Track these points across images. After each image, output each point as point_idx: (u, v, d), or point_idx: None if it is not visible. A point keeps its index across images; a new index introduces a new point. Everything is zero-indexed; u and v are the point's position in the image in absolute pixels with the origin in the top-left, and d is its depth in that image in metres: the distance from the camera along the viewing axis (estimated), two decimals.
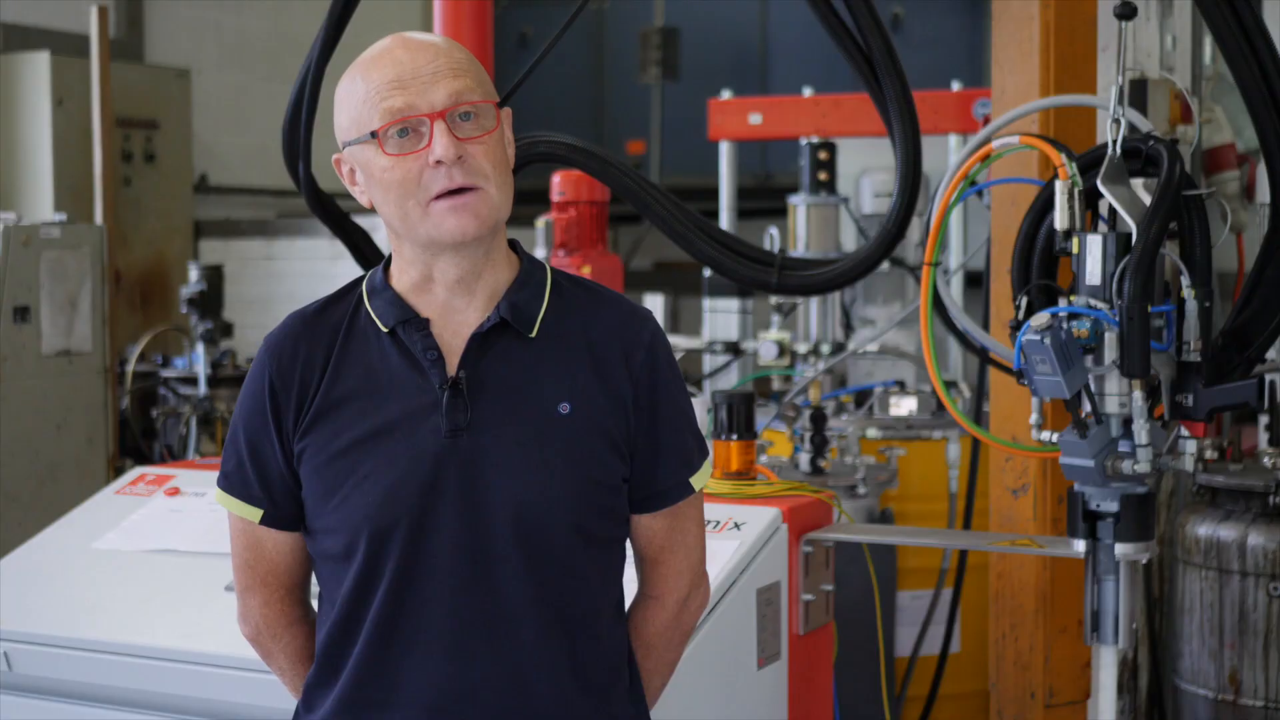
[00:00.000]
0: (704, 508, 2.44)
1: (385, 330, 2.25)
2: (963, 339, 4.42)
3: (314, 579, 2.37)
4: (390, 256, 2.32)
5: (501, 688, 2.21)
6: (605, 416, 2.25)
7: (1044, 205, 3.37)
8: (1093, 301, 3.22)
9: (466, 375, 2.22)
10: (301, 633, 2.37)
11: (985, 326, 4.04)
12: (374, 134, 2.19)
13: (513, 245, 2.34)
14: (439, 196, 2.18)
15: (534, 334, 2.25)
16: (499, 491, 2.19)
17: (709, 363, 6.19)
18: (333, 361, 2.25)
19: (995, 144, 3.44)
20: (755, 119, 6.47)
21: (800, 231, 5.74)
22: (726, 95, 6.64)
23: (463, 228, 2.18)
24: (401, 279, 2.28)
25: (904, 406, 5.41)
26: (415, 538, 2.19)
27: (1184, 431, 3.34)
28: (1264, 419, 4.22)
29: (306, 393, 2.25)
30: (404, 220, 2.21)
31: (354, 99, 2.23)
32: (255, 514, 2.29)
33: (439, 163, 2.16)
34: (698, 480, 2.36)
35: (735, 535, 3.21)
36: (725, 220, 6.53)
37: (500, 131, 2.25)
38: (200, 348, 6.85)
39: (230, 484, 2.30)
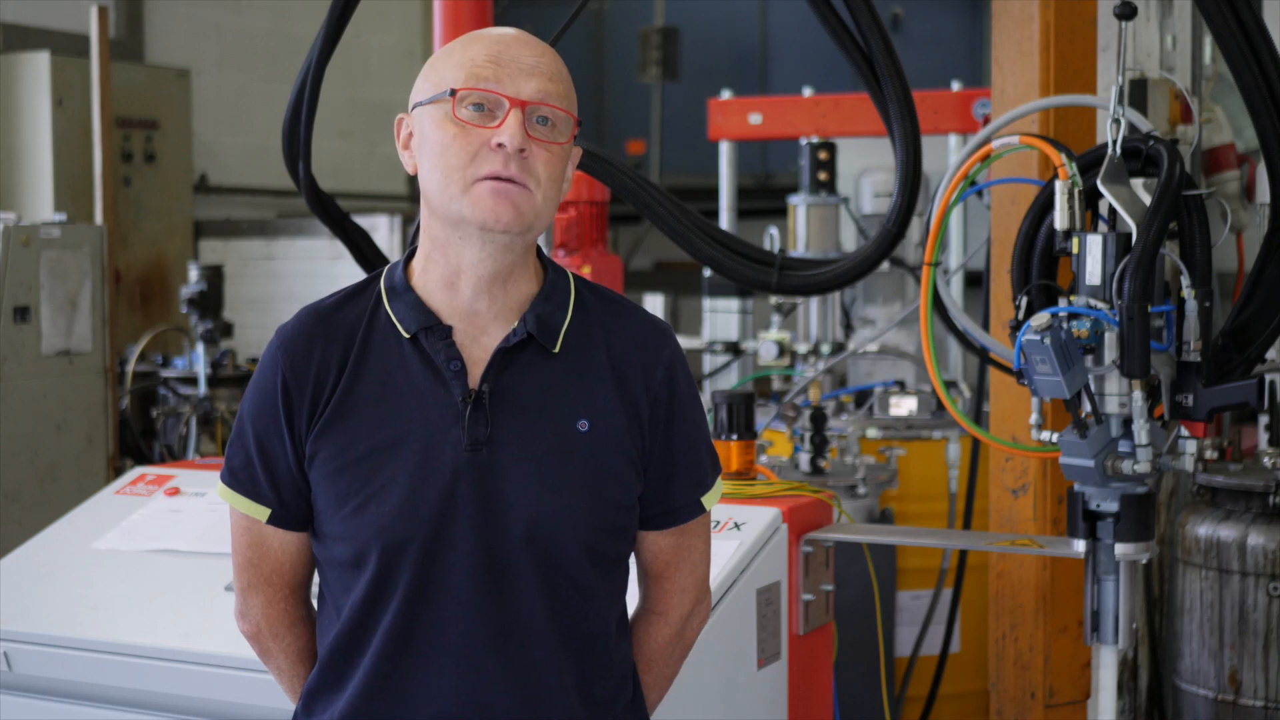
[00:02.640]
0: (711, 521, 2.42)
1: (406, 336, 2.20)
2: (963, 339, 4.42)
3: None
4: (412, 251, 2.28)
5: (513, 704, 2.18)
6: (623, 433, 2.22)
7: (1044, 205, 3.37)
8: (1093, 301, 3.22)
9: (489, 389, 2.18)
10: (303, 633, 2.33)
11: (985, 326, 4.04)
12: (453, 91, 2.14)
13: (536, 252, 2.29)
14: (485, 178, 2.14)
15: (557, 349, 2.22)
16: (515, 506, 2.16)
17: (709, 363, 6.20)
18: (351, 363, 2.20)
19: (995, 144, 3.44)
20: (755, 119, 6.47)
21: (800, 231, 5.74)
22: (726, 95, 6.64)
23: (498, 213, 2.14)
24: (427, 273, 2.23)
25: (904, 406, 5.41)
26: (431, 551, 2.16)
27: (1184, 431, 3.34)
28: (1264, 419, 4.21)
29: (321, 393, 2.19)
30: (442, 192, 2.16)
31: (447, 61, 2.19)
32: (263, 513, 2.23)
33: (500, 146, 2.13)
34: (709, 499, 2.34)
35: (735, 535, 3.21)
36: (725, 220, 6.53)
37: (567, 149, 2.21)
38: (200, 348, 6.85)
39: (237, 481, 2.24)
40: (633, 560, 2.37)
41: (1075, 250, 3.25)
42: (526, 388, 2.20)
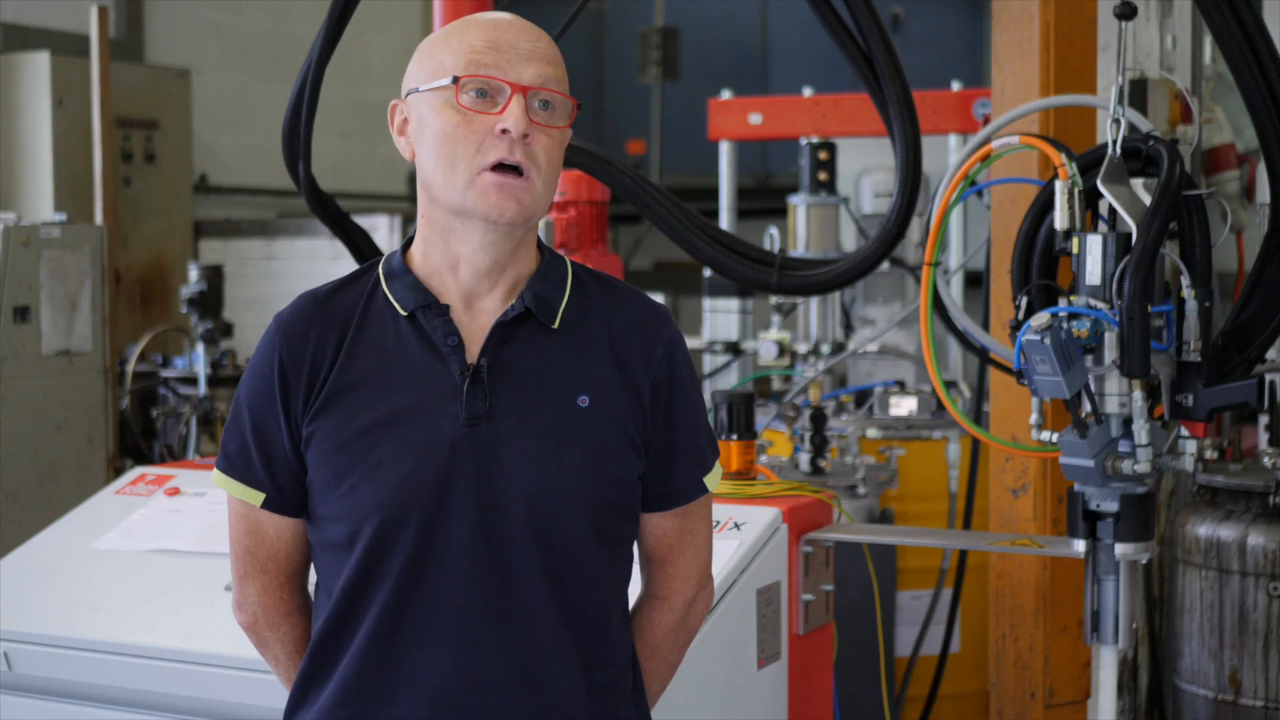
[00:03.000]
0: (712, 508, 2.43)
1: (404, 314, 2.22)
2: (963, 339, 4.42)
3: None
4: (409, 240, 2.29)
5: (511, 680, 2.18)
6: (623, 411, 2.23)
7: (1044, 205, 3.37)
8: (1093, 301, 3.22)
9: (487, 363, 2.19)
10: (300, 623, 2.33)
11: (985, 326, 4.04)
12: (456, 79, 2.16)
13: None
14: (491, 168, 2.15)
15: (556, 325, 2.23)
16: (515, 482, 2.17)
17: (709, 363, 6.20)
18: (347, 344, 2.21)
19: (995, 144, 3.44)
20: (755, 119, 6.47)
21: (800, 231, 5.74)
22: (726, 95, 6.64)
23: (501, 208, 2.15)
24: (425, 260, 2.24)
25: (904, 406, 5.41)
26: (429, 526, 2.16)
27: (1184, 431, 3.34)
28: (1264, 419, 4.21)
29: (318, 374, 2.20)
30: (446, 180, 2.17)
31: (444, 48, 2.20)
32: (257, 497, 2.24)
33: (505, 132, 2.14)
34: (711, 480, 2.35)
35: (735, 535, 3.21)
36: (725, 220, 6.53)
37: (566, 133, 2.23)
38: (200, 348, 6.85)
39: (232, 466, 2.26)
40: (635, 551, 2.37)
41: (1075, 250, 3.25)
42: (525, 363, 2.21)
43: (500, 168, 2.16)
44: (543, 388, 2.20)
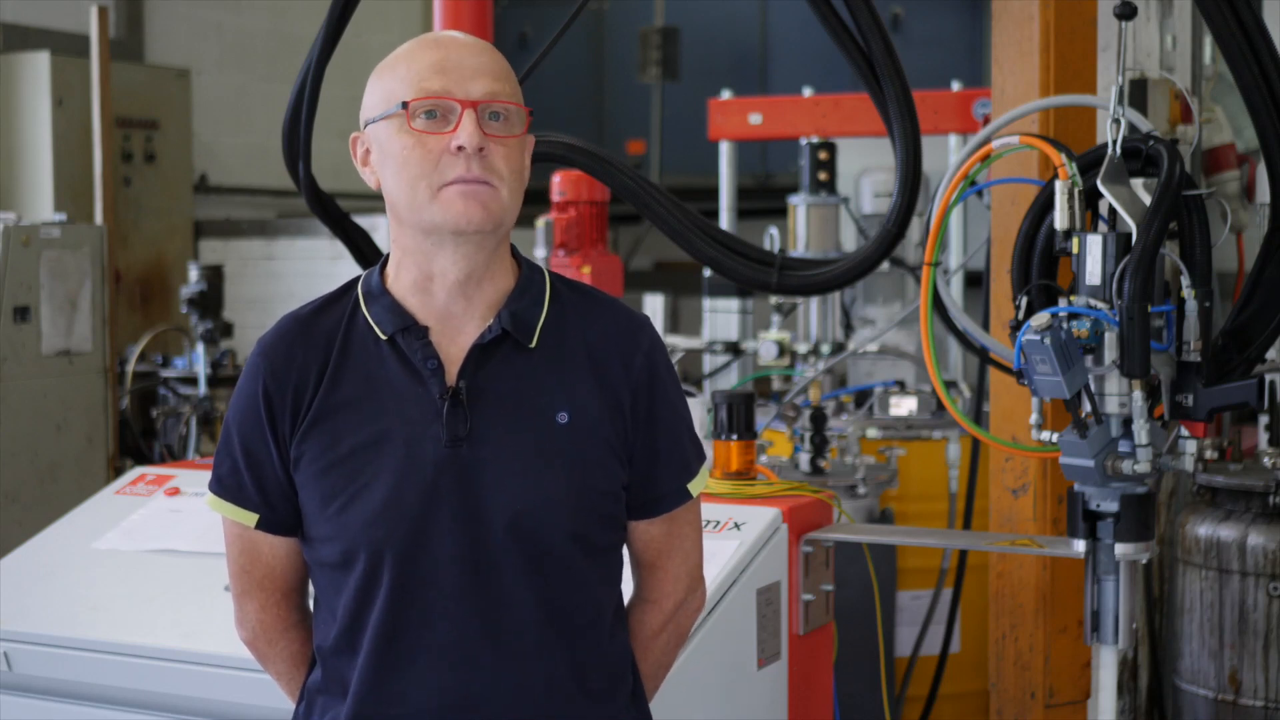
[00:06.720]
0: (701, 511, 2.43)
1: (384, 338, 2.23)
2: (963, 339, 4.42)
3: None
4: (386, 257, 2.30)
5: (506, 696, 2.20)
6: (604, 424, 2.24)
7: (1044, 205, 3.37)
8: (1093, 301, 3.22)
9: (466, 385, 2.20)
10: (299, 636, 2.36)
11: (985, 326, 4.04)
12: (405, 104, 2.17)
13: (511, 250, 2.32)
14: (452, 183, 2.17)
15: (534, 344, 2.24)
16: (499, 501, 2.18)
17: (709, 363, 6.20)
18: (330, 367, 2.23)
19: (995, 144, 3.44)
20: (755, 119, 6.47)
21: (800, 231, 5.74)
22: (726, 95, 6.64)
23: (469, 214, 2.16)
24: (400, 279, 2.25)
25: (904, 406, 5.41)
26: (415, 547, 2.18)
27: (1184, 431, 3.34)
28: (1264, 419, 4.22)
29: (303, 398, 2.22)
30: (411, 202, 2.18)
31: (392, 75, 2.21)
32: (250, 519, 2.27)
33: (460, 149, 2.15)
34: (695, 485, 2.36)
35: (735, 535, 3.21)
36: (725, 220, 6.53)
37: (523, 140, 2.24)
38: (200, 348, 6.86)
39: (224, 489, 2.28)
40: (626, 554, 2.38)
41: (1075, 250, 3.25)
42: (504, 383, 2.22)
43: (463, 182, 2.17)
44: (522, 407, 2.22)
